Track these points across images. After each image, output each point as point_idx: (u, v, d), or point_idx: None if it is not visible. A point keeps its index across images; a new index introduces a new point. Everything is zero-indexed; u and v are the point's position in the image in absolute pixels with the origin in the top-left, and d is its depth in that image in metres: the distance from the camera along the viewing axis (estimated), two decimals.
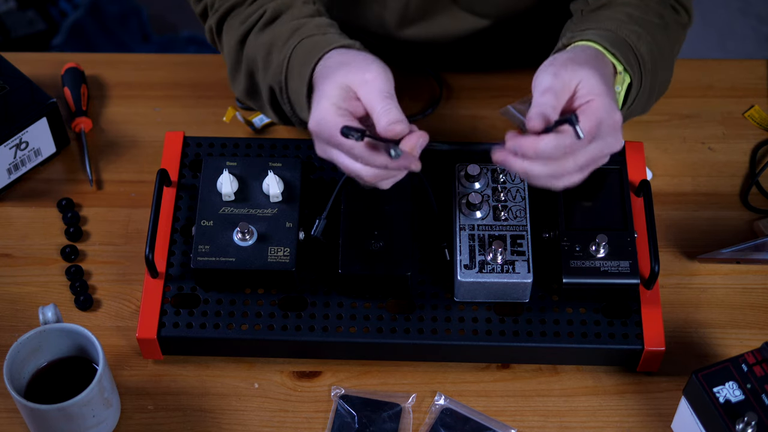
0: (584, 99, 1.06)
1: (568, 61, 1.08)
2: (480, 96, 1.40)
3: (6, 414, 1.16)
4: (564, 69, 1.07)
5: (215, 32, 1.27)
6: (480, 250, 1.16)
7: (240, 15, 1.23)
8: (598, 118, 1.04)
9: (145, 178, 1.33)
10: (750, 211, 1.30)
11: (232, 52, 1.23)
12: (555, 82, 1.06)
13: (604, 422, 1.15)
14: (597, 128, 1.05)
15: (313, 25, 1.17)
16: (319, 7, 1.22)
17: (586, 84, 1.06)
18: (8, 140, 1.28)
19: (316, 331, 1.16)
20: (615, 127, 1.06)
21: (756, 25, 2.72)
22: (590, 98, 1.05)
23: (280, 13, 1.20)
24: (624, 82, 1.14)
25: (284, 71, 1.15)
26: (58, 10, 2.50)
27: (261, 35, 1.19)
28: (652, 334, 1.15)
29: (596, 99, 1.05)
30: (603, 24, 1.16)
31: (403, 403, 1.16)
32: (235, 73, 1.25)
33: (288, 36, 1.17)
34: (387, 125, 1.05)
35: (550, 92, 1.05)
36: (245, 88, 1.23)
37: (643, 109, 1.20)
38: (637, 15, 1.19)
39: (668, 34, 1.22)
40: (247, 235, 1.16)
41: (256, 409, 1.16)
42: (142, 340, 1.16)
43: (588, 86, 1.06)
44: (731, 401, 1.05)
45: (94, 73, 1.43)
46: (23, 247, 1.28)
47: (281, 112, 1.21)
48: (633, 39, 1.15)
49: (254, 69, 1.21)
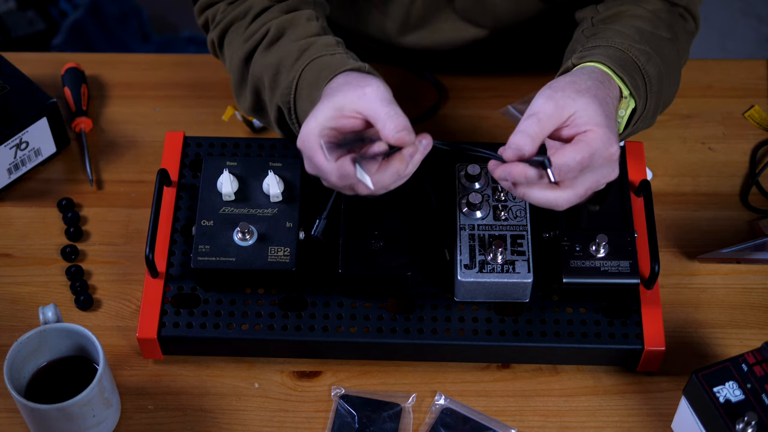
0: (581, 128, 1.04)
1: (567, 86, 1.06)
2: (481, 96, 1.40)
3: (6, 414, 1.16)
4: (560, 94, 1.05)
5: (217, 46, 1.27)
6: (480, 250, 1.16)
7: (241, 29, 1.23)
8: (592, 149, 1.03)
9: (145, 178, 1.33)
10: (750, 211, 1.30)
11: (236, 69, 1.23)
12: (545, 106, 1.04)
13: (604, 422, 1.15)
14: (590, 159, 1.03)
15: (321, 45, 1.17)
16: (323, 24, 1.22)
17: (584, 114, 1.05)
18: (8, 140, 1.28)
19: (316, 331, 1.16)
20: (610, 158, 1.05)
21: (756, 25, 2.72)
22: (587, 128, 1.04)
23: (284, 30, 1.20)
24: (628, 107, 1.13)
25: (293, 92, 1.15)
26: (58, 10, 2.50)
27: (267, 54, 1.19)
28: (652, 334, 1.15)
29: (594, 130, 1.04)
30: (613, 41, 1.14)
31: (403, 403, 1.16)
32: (240, 90, 1.25)
33: (296, 57, 1.16)
34: (395, 131, 1.03)
35: (534, 118, 1.04)
36: (251, 105, 1.24)
37: (648, 124, 1.19)
38: (648, 31, 1.18)
39: (678, 48, 1.22)
40: (248, 235, 1.16)
41: (256, 409, 1.16)
42: (142, 340, 1.16)
43: (586, 116, 1.05)
44: (731, 401, 1.05)
45: (94, 73, 1.43)
46: (23, 247, 1.28)
47: (288, 131, 1.21)
48: (642, 60, 1.13)
49: (260, 87, 1.21)
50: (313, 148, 1.06)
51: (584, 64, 1.12)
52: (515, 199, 1.19)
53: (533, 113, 1.04)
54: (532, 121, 1.04)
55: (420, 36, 1.36)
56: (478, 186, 1.20)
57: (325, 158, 1.05)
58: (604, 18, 1.21)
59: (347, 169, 1.05)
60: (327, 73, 1.12)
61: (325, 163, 1.06)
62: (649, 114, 1.16)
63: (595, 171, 1.05)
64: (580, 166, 1.03)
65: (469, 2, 1.31)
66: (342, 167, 1.05)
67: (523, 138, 1.03)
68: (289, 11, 1.22)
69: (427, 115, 1.38)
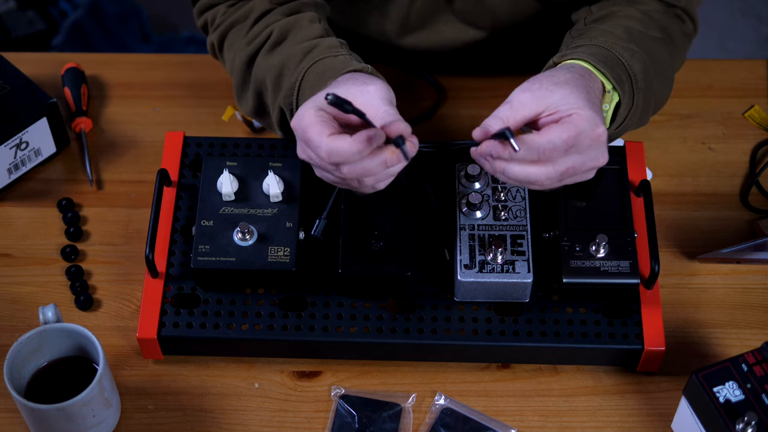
0: (565, 113, 1.05)
1: (545, 79, 1.08)
2: (480, 96, 1.40)
3: (6, 414, 1.16)
4: (537, 86, 1.07)
5: (217, 48, 1.27)
6: (480, 250, 1.16)
7: (242, 32, 1.23)
8: (577, 128, 1.04)
9: (145, 178, 1.33)
10: (750, 211, 1.30)
11: (238, 72, 1.23)
12: (520, 96, 1.07)
13: (604, 422, 1.15)
14: (575, 139, 1.04)
15: (324, 46, 1.17)
16: (325, 26, 1.21)
17: (565, 102, 1.06)
18: (8, 140, 1.28)
19: (316, 331, 1.16)
20: (597, 139, 1.05)
21: (756, 25, 2.72)
22: (572, 111, 1.05)
23: (287, 33, 1.20)
24: (612, 101, 1.13)
25: (296, 94, 1.15)
26: (58, 10, 2.50)
27: (270, 57, 1.19)
28: (652, 334, 1.15)
29: (578, 112, 1.05)
30: (597, 40, 1.15)
31: (403, 403, 1.16)
32: (242, 93, 1.24)
33: (300, 59, 1.16)
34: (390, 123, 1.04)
35: (507, 104, 1.06)
36: (253, 108, 1.23)
37: (638, 123, 1.19)
38: (637, 30, 1.18)
39: (670, 49, 1.21)
40: (247, 235, 1.16)
41: (256, 409, 1.16)
42: (142, 340, 1.16)
43: (568, 103, 1.05)
44: (731, 401, 1.05)
45: (94, 73, 1.43)
46: (23, 247, 1.28)
47: (290, 133, 1.20)
48: (626, 57, 1.14)
49: (263, 90, 1.20)
50: (307, 124, 1.05)
51: (565, 62, 1.13)
52: (515, 199, 1.19)
53: (507, 101, 1.07)
54: (505, 107, 1.06)
55: (419, 37, 1.36)
56: (478, 186, 1.20)
57: (318, 132, 1.04)
58: (596, 18, 1.21)
59: (338, 144, 1.03)
60: (330, 75, 1.12)
61: (316, 136, 1.04)
62: (637, 112, 1.16)
63: (582, 152, 1.06)
64: (565, 145, 1.04)
65: (468, 4, 1.31)
66: (334, 142, 1.03)
67: (493, 120, 1.05)
68: (291, 14, 1.22)
69: (427, 116, 1.38)
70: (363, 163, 1.04)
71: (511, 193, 1.19)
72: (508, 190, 1.19)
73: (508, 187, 1.20)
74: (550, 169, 1.05)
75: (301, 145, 1.08)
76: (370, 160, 1.04)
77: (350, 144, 1.03)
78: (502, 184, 1.20)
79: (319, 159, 1.05)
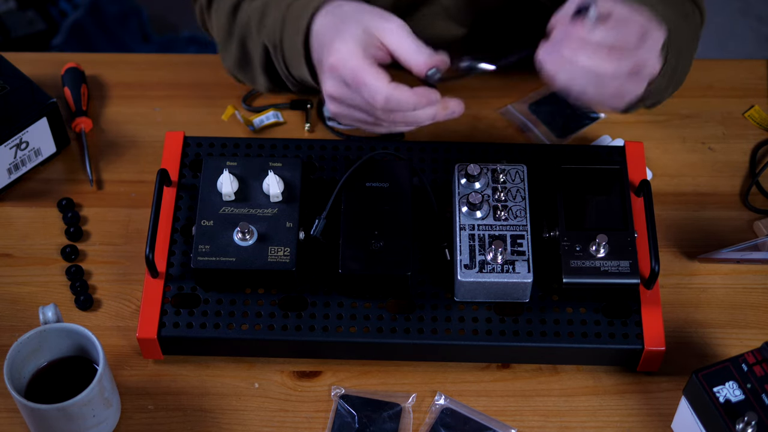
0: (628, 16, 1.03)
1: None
2: (480, 96, 1.40)
3: (6, 414, 1.16)
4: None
5: (205, 8, 1.26)
6: (480, 250, 1.16)
7: None
8: (648, 23, 1.02)
9: (145, 178, 1.33)
10: (750, 211, 1.30)
11: (223, 24, 1.22)
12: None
13: (604, 422, 1.15)
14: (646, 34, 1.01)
15: None
16: None
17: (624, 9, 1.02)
18: (8, 140, 1.28)
19: (316, 331, 1.16)
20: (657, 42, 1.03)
21: (756, 25, 2.72)
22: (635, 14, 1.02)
23: None
24: None
25: (280, 27, 1.13)
26: (58, 10, 2.50)
27: (254, 1, 1.18)
28: (652, 334, 1.15)
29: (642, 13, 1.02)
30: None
31: (403, 403, 1.16)
32: (226, 44, 1.23)
33: None
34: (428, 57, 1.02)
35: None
36: (236, 59, 1.22)
37: (661, 94, 1.18)
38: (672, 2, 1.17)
39: (689, 25, 1.21)
40: (248, 235, 1.16)
41: (256, 409, 1.16)
42: (142, 340, 1.16)
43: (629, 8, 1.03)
44: (731, 401, 1.05)
45: (94, 73, 1.43)
46: (23, 247, 1.28)
47: (274, 76, 1.19)
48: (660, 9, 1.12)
49: (246, 35, 1.19)
50: (359, 66, 1.01)
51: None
52: (515, 199, 1.19)
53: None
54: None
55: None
56: (478, 186, 1.20)
57: (376, 77, 1.00)
58: None
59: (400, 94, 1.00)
60: (315, 3, 1.10)
61: (374, 81, 1.00)
62: (666, 75, 1.14)
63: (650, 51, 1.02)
64: (639, 34, 1.01)
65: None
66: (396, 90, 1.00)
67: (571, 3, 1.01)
68: None
69: None
70: (415, 113, 1.03)
71: (511, 193, 1.19)
72: (508, 190, 1.19)
73: (508, 187, 1.20)
74: (621, 62, 1.01)
75: (338, 83, 1.04)
76: (423, 112, 1.04)
77: (410, 96, 1.01)
78: (502, 184, 1.20)
79: (365, 101, 1.03)
